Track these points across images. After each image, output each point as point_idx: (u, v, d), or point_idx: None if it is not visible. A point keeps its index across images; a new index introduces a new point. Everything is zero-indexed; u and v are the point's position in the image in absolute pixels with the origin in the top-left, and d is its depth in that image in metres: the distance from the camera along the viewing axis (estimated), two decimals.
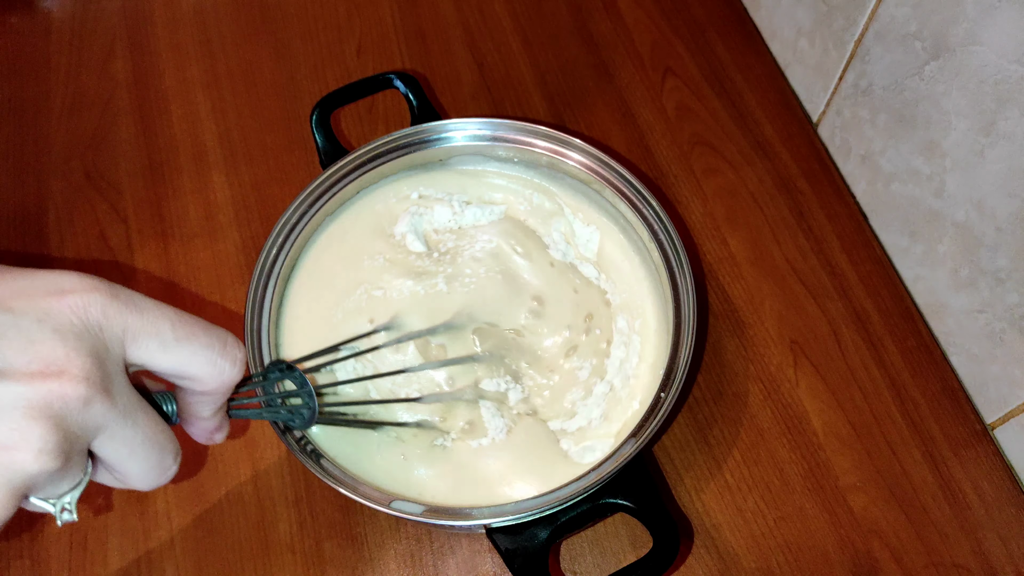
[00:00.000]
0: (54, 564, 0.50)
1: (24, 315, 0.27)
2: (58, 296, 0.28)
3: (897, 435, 0.53)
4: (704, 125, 0.66)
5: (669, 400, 0.45)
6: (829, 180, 0.63)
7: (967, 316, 0.53)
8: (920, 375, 0.55)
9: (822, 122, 0.65)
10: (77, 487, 0.30)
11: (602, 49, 0.70)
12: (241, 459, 0.53)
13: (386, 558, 0.50)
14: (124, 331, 0.29)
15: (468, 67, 0.69)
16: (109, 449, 0.30)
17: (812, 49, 0.64)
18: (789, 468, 0.52)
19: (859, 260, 0.60)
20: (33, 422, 0.26)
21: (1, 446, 0.26)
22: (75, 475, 0.29)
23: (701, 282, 0.59)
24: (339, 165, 0.53)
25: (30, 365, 0.27)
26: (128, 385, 0.30)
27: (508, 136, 0.54)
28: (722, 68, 0.69)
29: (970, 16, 0.47)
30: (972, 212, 0.50)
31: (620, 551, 0.50)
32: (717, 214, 0.62)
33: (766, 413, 0.54)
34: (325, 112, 0.56)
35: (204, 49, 0.70)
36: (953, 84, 0.49)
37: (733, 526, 0.51)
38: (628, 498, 0.44)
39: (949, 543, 0.50)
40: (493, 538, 0.43)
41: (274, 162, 0.64)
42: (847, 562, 0.50)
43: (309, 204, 0.53)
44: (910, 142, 0.54)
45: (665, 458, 0.53)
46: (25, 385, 0.26)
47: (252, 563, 0.50)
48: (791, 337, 0.57)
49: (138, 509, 0.51)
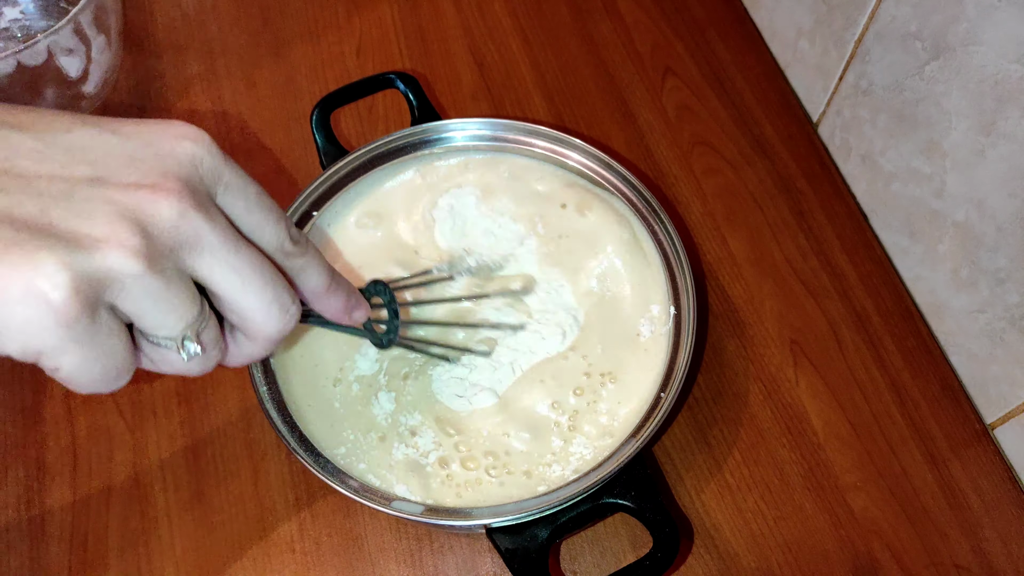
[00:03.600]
0: (54, 564, 0.50)
1: (130, 138, 0.28)
2: (165, 127, 0.29)
3: (897, 435, 0.53)
4: (704, 125, 0.66)
5: (669, 400, 0.45)
6: (829, 180, 0.63)
7: (967, 316, 0.53)
8: (920, 375, 0.55)
9: (822, 122, 0.65)
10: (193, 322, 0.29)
11: (602, 49, 0.70)
12: (241, 459, 0.53)
13: (386, 558, 0.50)
14: (220, 177, 0.30)
15: (468, 67, 0.69)
16: (218, 276, 0.29)
17: (812, 49, 0.64)
18: (789, 468, 0.52)
19: (859, 260, 0.60)
20: (121, 222, 0.26)
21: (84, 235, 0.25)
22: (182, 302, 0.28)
23: (701, 282, 0.59)
24: (339, 165, 0.53)
25: (127, 177, 0.27)
26: (227, 219, 0.30)
27: (508, 136, 0.55)
28: (722, 68, 0.69)
29: (970, 16, 0.47)
30: (972, 212, 0.50)
31: (620, 551, 0.50)
32: (717, 214, 0.62)
33: (766, 413, 0.54)
34: (325, 112, 0.56)
35: (204, 49, 0.70)
36: (953, 84, 0.49)
37: (733, 526, 0.51)
38: (628, 498, 0.44)
39: (949, 543, 0.50)
40: (493, 538, 0.43)
41: (274, 162, 0.64)
42: (847, 562, 0.50)
43: (309, 204, 0.53)
44: (910, 142, 0.54)
45: (665, 458, 0.53)
46: (118, 192, 0.27)
47: (252, 563, 0.50)
48: (791, 337, 0.57)
49: (138, 509, 0.51)
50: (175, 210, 0.27)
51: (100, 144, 0.28)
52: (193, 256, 0.28)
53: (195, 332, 0.29)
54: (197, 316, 0.29)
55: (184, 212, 0.28)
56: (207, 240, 0.28)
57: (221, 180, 0.30)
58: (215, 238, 0.29)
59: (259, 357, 0.34)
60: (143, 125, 0.29)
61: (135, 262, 0.26)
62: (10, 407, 0.55)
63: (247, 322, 0.31)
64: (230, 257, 0.29)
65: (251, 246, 0.31)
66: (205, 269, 0.29)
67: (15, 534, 0.51)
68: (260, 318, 0.31)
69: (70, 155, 0.27)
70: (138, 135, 0.29)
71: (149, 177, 0.28)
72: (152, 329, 0.28)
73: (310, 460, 0.44)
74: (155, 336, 0.29)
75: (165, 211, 0.27)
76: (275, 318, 0.31)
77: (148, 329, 0.28)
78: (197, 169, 0.29)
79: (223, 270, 0.29)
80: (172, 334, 0.29)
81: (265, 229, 0.32)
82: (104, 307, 0.26)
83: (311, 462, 0.44)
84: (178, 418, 0.54)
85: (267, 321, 0.31)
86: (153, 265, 0.27)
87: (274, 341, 0.32)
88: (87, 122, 0.28)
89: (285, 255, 0.33)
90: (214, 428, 0.54)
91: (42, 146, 0.27)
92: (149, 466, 0.53)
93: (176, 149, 0.29)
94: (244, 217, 0.31)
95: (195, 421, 0.54)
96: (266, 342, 0.32)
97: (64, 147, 0.27)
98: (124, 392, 0.55)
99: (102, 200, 0.26)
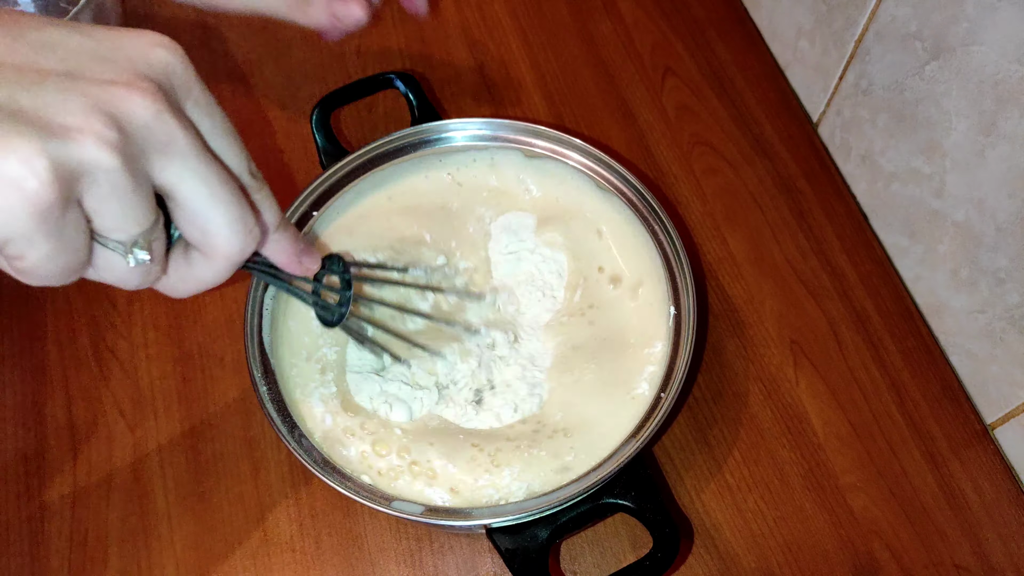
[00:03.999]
0: (54, 564, 0.50)
1: (102, 41, 0.27)
2: (139, 33, 0.29)
3: (897, 435, 0.53)
4: (704, 125, 0.66)
5: (669, 400, 0.45)
6: (829, 180, 0.63)
7: (967, 316, 0.53)
8: (920, 375, 0.55)
9: (822, 122, 0.65)
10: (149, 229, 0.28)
11: (602, 49, 0.70)
12: (241, 458, 0.53)
13: (386, 558, 0.50)
14: (190, 91, 0.29)
15: (468, 67, 0.69)
16: (187, 184, 0.28)
17: (812, 49, 0.64)
18: (789, 468, 0.52)
19: (859, 260, 0.60)
20: (96, 114, 0.25)
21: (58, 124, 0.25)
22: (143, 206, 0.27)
23: (701, 282, 0.59)
24: (339, 165, 0.53)
25: (100, 74, 0.26)
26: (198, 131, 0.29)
27: (508, 136, 0.54)
28: (722, 68, 0.69)
29: (970, 16, 0.47)
30: (972, 212, 0.50)
31: (620, 551, 0.50)
32: (717, 214, 0.62)
33: (766, 413, 0.54)
34: (325, 112, 0.56)
35: (204, 49, 0.70)
36: (953, 84, 0.49)
37: (733, 526, 0.51)
38: (628, 498, 0.44)
39: (949, 543, 0.50)
40: (493, 538, 0.43)
41: (274, 162, 0.64)
42: (847, 562, 0.50)
43: (310, 204, 0.53)
44: (910, 142, 0.54)
45: (665, 458, 0.53)
46: (92, 86, 0.26)
47: (252, 562, 0.50)
48: (791, 337, 0.57)
49: (138, 508, 0.51)
50: (150, 110, 0.27)
51: (71, 42, 0.27)
52: (163, 160, 0.28)
53: (147, 240, 0.28)
54: (153, 223, 0.28)
55: (159, 113, 0.27)
56: (179, 145, 0.28)
57: (191, 94, 0.29)
58: (188, 144, 0.28)
59: (209, 284, 0.32)
60: (116, 30, 0.28)
61: (112, 156, 0.25)
62: (11, 406, 0.55)
63: (209, 237, 0.30)
64: (200, 167, 0.28)
65: (220, 161, 0.30)
66: (173, 176, 0.28)
67: (15, 532, 0.51)
68: (225, 233, 0.30)
69: (40, 50, 0.26)
70: (110, 39, 0.28)
71: (123, 76, 0.27)
72: (107, 230, 0.27)
73: (310, 460, 0.44)
74: (106, 238, 0.28)
75: (140, 109, 0.26)
76: (239, 235, 0.30)
77: (103, 229, 0.27)
78: (169, 78, 0.28)
79: (192, 179, 0.28)
80: (124, 238, 0.28)
81: (229, 153, 0.31)
82: (74, 200, 0.25)
83: (311, 462, 0.44)
84: (178, 417, 0.54)
85: (231, 238, 0.30)
86: (127, 162, 0.26)
87: (233, 263, 0.31)
88: (57, 23, 0.27)
89: (246, 185, 0.32)
90: (214, 427, 0.54)
91: (9, 39, 0.26)
92: (149, 465, 0.53)
93: (149, 54, 0.28)
94: (210, 136, 0.30)
95: (195, 420, 0.54)
96: (224, 262, 0.31)
97: (33, 42, 0.26)
98: (124, 392, 0.55)
99: (75, 92, 0.25)
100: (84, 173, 0.25)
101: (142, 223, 0.28)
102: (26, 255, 0.25)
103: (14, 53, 0.26)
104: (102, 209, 0.26)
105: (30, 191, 0.24)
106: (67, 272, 0.27)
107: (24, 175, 0.23)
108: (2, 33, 0.26)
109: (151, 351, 0.56)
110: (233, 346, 0.56)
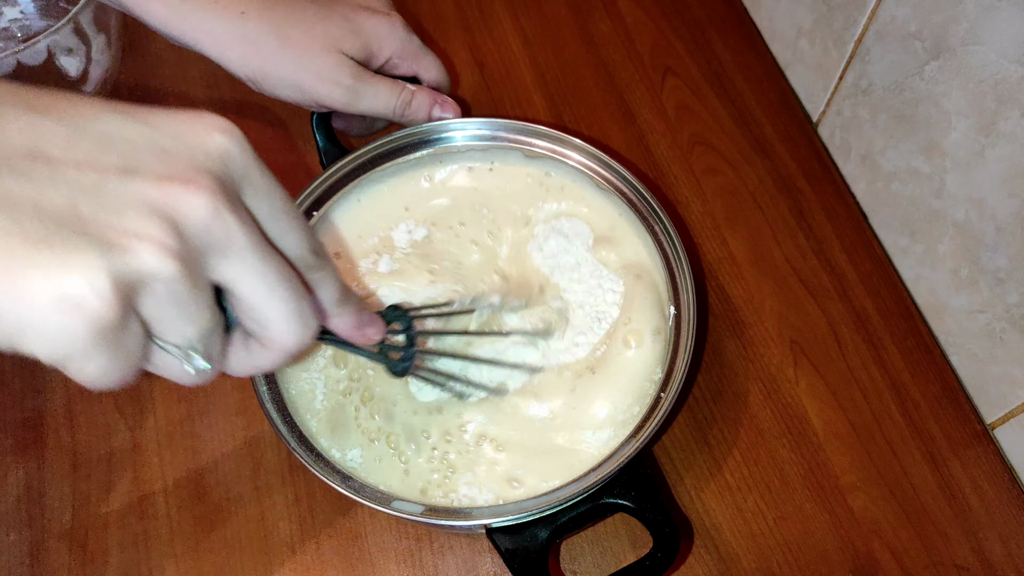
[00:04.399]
0: (54, 563, 0.50)
1: (160, 129, 0.27)
2: (196, 118, 0.28)
3: (897, 435, 0.53)
4: (704, 125, 0.66)
5: (669, 400, 0.45)
6: (829, 180, 0.63)
7: (967, 316, 0.53)
8: (920, 375, 0.55)
9: (822, 122, 0.65)
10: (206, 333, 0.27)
11: (602, 49, 0.70)
12: (241, 458, 0.53)
13: (386, 558, 0.50)
14: (248, 177, 0.29)
15: (468, 67, 0.69)
16: (245, 282, 0.28)
17: (812, 49, 0.64)
18: (789, 468, 0.52)
19: (859, 260, 0.60)
20: (154, 218, 0.24)
21: (116, 233, 0.24)
22: (201, 310, 0.27)
23: (701, 282, 0.59)
24: (339, 165, 0.53)
25: (158, 169, 0.26)
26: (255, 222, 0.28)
27: (508, 136, 0.54)
28: (722, 68, 0.69)
29: (970, 16, 0.47)
30: (972, 212, 0.50)
31: (620, 551, 0.50)
32: (717, 214, 0.62)
33: (766, 413, 0.54)
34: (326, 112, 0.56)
35: None
36: (953, 84, 0.49)
37: (733, 526, 0.51)
38: (628, 498, 0.44)
39: (949, 543, 0.50)
40: (493, 538, 0.43)
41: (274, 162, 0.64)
42: (847, 562, 0.50)
43: (310, 204, 0.53)
44: (910, 142, 0.54)
45: (665, 458, 0.53)
46: (151, 185, 0.25)
47: (252, 562, 0.50)
48: (791, 337, 0.57)
49: (138, 509, 0.51)
50: (208, 209, 0.26)
51: (130, 133, 0.26)
52: (221, 259, 0.27)
53: (205, 344, 0.28)
54: (212, 327, 0.28)
55: (217, 211, 0.26)
56: (237, 243, 0.27)
57: (250, 180, 0.29)
58: (246, 241, 0.27)
59: (268, 369, 0.33)
60: (173, 115, 0.28)
61: (171, 263, 0.24)
62: (10, 407, 0.55)
63: (266, 332, 0.30)
64: (258, 263, 0.28)
65: (278, 253, 0.29)
66: (231, 274, 0.27)
67: (15, 533, 0.51)
68: (281, 328, 0.30)
69: (99, 144, 0.25)
70: (168, 125, 0.27)
71: (181, 171, 0.26)
72: (165, 335, 0.27)
73: (310, 460, 0.44)
74: (164, 341, 0.27)
75: (198, 209, 0.26)
76: (296, 330, 0.30)
77: (160, 334, 0.27)
78: (227, 166, 0.28)
79: (251, 276, 0.28)
80: (182, 343, 0.27)
81: (289, 237, 0.30)
82: (132, 311, 0.25)
83: (311, 462, 0.44)
84: (178, 417, 0.54)
85: (287, 332, 0.30)
86: (186, 268, 0.25)
87: (289, 354, 0.31)
88: (116, 109, 0.27)
89: (306, 266, 0.32)
90: (214, 427, 0.54)
91: (69, 132, 0.25)
92: (149, 465, 0.53)
93: (207, 142, 0.27)
94: (269, 222, 0.29)
95: (195, 420, 0.54)
96: (281, 354, 0.31)
97: (93, 135, 0.25)
98: (124, 392, 0.55)
99: (133, 194, 0.25)
100: (144, 284, 0.24)
101: (201, 327, 0.27)
102: (86, 370, 0.25)
103: (74, 149, 0.25)
104: (159, 316, 0.26)
105: (90, 312, 0.23)
106: (125, 376, 0.26)
107: (84, 294, 0.23)
108: (61, 124, 0.25)
109: None
110: None
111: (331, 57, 0.51)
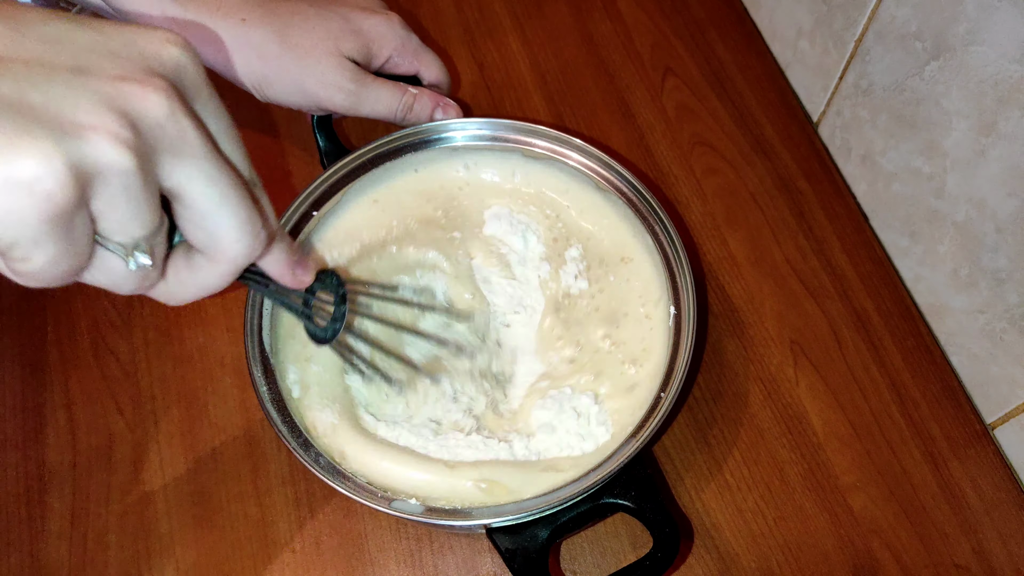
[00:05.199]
0: (54, 562, 0.50)
1: (112, 36, 0.26)
2: (151, 30, 0.27)
3: (897, 435, 0.53)
4: (704, 125, 0.66)
5: (669, 400, 0.45)
6: (829, 180, 0.63)
7: (967, 316, 0.53)
8: (920, 375, 0.55)
9: (822, 122, 0.65)
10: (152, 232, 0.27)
11: (602, 49, 0.70)
12: (241, 458, 0.53)
13: (386, 558, 0.50)
14: (200, 92, 0.28)
15: (468, 67, 0.69)
16: (197, 185, 0.27)
17: (812, 49, 0.64)
18: (789, 468, 0.52)
19: (859, 260, 0.60)
20: (110, 111, 0.24)
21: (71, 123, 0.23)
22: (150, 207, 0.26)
23: (701, 282, 0.59)
24: (340, 165, 0.53)
25: (111, 70, 0.25)
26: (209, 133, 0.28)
27: (508, 136, 0.54)
28: (722, 68, 0.69)
29: (970, 16, 0.47)
30: (972, 212, 0.50)
31: (620, 551, 0.50)
32: (717, 214, 0.62)
33: (766, 413, 0.54)
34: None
35: None
36: (953, 84, 0.49)
37: (733, 526, 0.51)
38: (628, 498, 0.44)
39: (949, 543, 0.50)
40: (493, 538, 0.43)
41: (274, 162, 0.64)
42: (847, 562, 0.50)
43: (310, 204, 0.53)
44: (910, 142, 0.54)
45: (665, 458, 0.53)
46: (104, 82, 0.25)
47: (252, 562, 0.50)
48: (791, 337, 0.57)
49: (138, 509, 0.51)
50: (164, 107, 0.26)
51: (80, 37, 0.26)
52: (174, 161, 0.26)
53: (149, 243, 0.27)
54: (158, 226, 0.27)
55: (173, 111, 0.26)
56: (192, 145, 0.27)
57: (201, 95, 0.28)
58: (200, 144, 0.27)
59: (210, 290, 0.31)
60: (126, 25, 0.27)
61: (127, 156, 0.24)
62: (11, 406, 0.55)
63: (215, 240, 0.29)
64: (212, 168, 0.27)
65: (230, 163, 0.29)
66: (183, 176, 0.27)
67: (15, 532, 0.51)
68: (232, 236, 0.29)
69: (48, 45, 0.25)
70: (121, 34, 0.27)
71: (134, 72, 0.26)
72: (111, 232, 0.26)
73: (310, 460, 0.44)
74: (108, 239, 0.26)
75: (155, 107, 0.25)
76: (248, 237, 0.30)
77: (107, 231, 0.26)
78: (181, 77, 0.27)
79: (203, 180, 0.27)
80: (127, 240, 0.27)
81: (235, 156, 0.30)
82: (85, 201, 0.24)
83: (311, 462, 0.44)
84: (178, 417, 0.54)
85: (238, 241, 0.29)
86: (141, 162, 0.25)
87: (238, 266, 0.30)
88: (63, 16, 0.26)
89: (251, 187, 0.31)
90: (214, 427, 0.54)
91: (16, 34, 0.25)
92: (149, 465, 0.53)
93: (161, 52, 0.27)
94: (217, 138, 0.29)
95: (195, 420, 0.54)
96: (229, 265, 0.30)
97: (40, 36, 0.25)
98: (124, 392, 0.55)
99: (86, 88, 0.24)
100: (98, 174, 0.24)
101: (148, 226, 0.27)
102: (31, 258, 0.24)
103: (21, 48, 0.24)
104: (110, 210, 0.25)
105: (44, 193, 0.23)
106: (67, 275, 0.26)
107: (39, 176, 0.22)
108: (6, 27, 0.25)
109: (151, 351, 0.56)
110: (233, 346, 0.56)
111: (333, 60, 0.51)
